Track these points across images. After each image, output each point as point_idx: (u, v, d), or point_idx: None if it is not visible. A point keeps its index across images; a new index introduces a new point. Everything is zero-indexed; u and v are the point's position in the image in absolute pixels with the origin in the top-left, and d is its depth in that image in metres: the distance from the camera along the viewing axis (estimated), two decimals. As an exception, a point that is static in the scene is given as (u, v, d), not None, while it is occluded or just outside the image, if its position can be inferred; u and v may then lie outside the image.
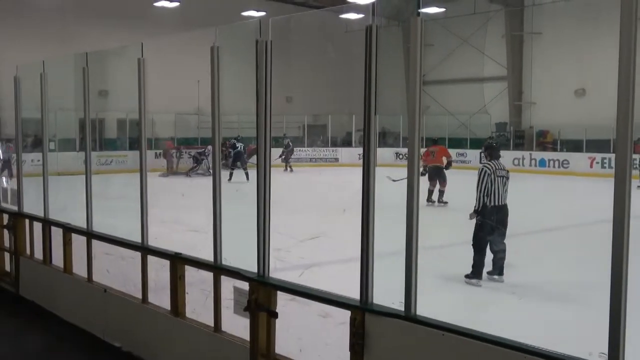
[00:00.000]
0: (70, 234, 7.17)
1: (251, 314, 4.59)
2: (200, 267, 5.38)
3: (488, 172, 8.38)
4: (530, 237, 12.06)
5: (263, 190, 4.60)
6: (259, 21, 4.62)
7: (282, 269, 7.81)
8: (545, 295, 8.08)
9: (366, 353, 3.86)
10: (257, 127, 4.61)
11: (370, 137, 3.90)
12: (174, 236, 9.37)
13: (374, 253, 3.92)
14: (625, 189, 2.79)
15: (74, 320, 7.01)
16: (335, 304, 4.20)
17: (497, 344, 3.25)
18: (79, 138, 24.69)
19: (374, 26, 3.79)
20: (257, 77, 4.55)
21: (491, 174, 8.37)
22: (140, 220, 5.96)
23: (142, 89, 5.90)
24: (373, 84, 3.81)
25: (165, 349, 5.73)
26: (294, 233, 11.17)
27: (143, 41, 5.96)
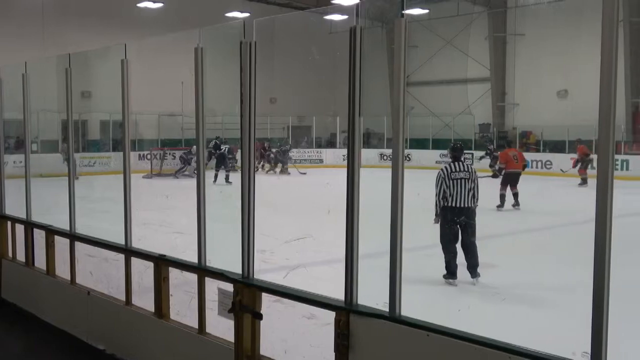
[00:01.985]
0: (53, 235, 7.12)
1: (236, 316, 4.58)
2: (185, 268, 5.36)
3: (442, 175, 8.42)
4: (514, 238, 12.14)
5: (247, 192, 4.59)
6: (243, 22, 4.61)
7: (266, 271, 7.78)
8: (528, 295, 8.12)
9: (351, 354, 3.86)
10: (241, 128, 4.60)
11: (355, 138, 3.90)
12: (158, 238, 9.35)
13: (358, 254, 3.92)
14: (608, 189, 2.81)
15: (57, 323, 6.96)
16: (320, 305, 4.20)
17: (482, 344, 3.27)
18: (62, 139, 24.51)
19: (358, 27, 3.79)
20: (241, 78, 4.54)
21: (445, 178, 8.38)
22: (124, 222, 5.94)
23: (126, 90, 5.88)
24: (357, 85, 3.81)
25: (149, 351, 5.71)
26: (279, 234, 11.15)
27: (126, 42, 5.93)
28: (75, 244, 6.77)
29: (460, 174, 8.41)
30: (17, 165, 8.53)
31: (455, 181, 8.36)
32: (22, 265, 7.75)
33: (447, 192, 8.34)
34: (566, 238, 12.21)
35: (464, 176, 8.40)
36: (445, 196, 8.36)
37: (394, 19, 3.66)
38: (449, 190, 8.34)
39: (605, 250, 2.83)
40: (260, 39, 4.50)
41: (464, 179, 8.39)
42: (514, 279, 8.87)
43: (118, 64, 5.87)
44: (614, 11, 2.76)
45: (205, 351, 5.03)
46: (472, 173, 8.48)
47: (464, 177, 8.40)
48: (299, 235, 11.59)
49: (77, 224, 6.88)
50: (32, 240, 7.55)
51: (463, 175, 8.41)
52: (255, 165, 4.95)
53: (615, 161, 2.86)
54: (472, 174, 8.45)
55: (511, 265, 9.63)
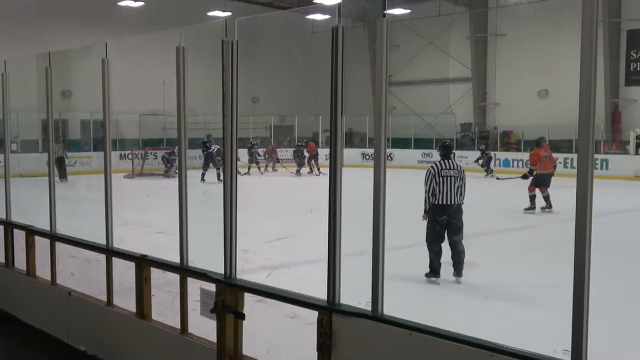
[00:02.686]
0: (34, 236, 7.06)
1: (218, 316, 4.57)
2: (167, 268, 5.34)
3: (432, 172, 8.47)
4: (495, 237, 12.21)
5: (230, 192, 4.58)
6: (225, 21, 4.60)
7: (249, 271, 7.78)
8: (509, 294, 8.18)
9: (333, 353, 3.87)
10: (223, 128, 4.59)
11: (337, 138, 3.91)
12: (140, 238, 9.30)
13: (341, 253, 3.93)
14: (587, 188, 2.84)
15: (38, 324, 6.91)
16: (303, 305, 4.20)
17: (464, 342, 3.29)
18: (42, 139, 24.31)
19: (339, 27, 3.80)
20: (223, 78, 4.53)
21: (435, 175, 8.44)
22: (105, 222, 5.90)
23: (107, 89, 5.85)
24: (339, 85, 3.82)
25: (131, 352, 5.68)
26: (261, 234, 11.15)
27: (107, 41, 5.90)
28: (55, 244, 6.72)
29: (450, 172, 8.47)
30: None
31: (445, 178, 8.42)
32: (1, 266, 7.67)
33: (437, 189, 8.39)
34: (550, 236, 12.32)
35: (454, 174, 8.47)
36: (434, 193, 8.41)
37: (375, 19, 3.67)
38: (438, 187, 8.39)
39: (585, 248, 2.86)
40: (242, 39, 4.49)
41: (453, 176, 8.45)
42: (497, 277, 8.92)
43: (99, 63, 5.82)
44: (593, 12, 2.79)
45: (187, 351, 5.02)
46: (461, 171, 8.56)
47: (454, 175, 8.46)
48: (282, 235, 11.60)
49: (58, 224, 6.83)
50: (12, 240, 7.49)
51: (453, 173, 8.47)
52: None
53: (594, 160, 2.89)
54: (460, 172, 8.53)
55: (494, 263, 9.69)
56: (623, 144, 28.50)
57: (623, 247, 10.76)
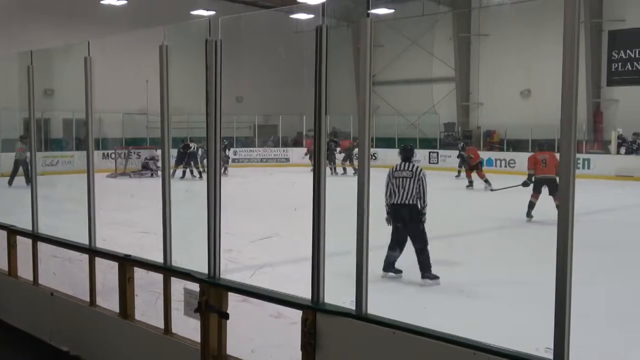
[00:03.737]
0: (15, 236, 7.00)
1: (202, 316, 4.56)
2: (150, 268, 5.32)
3: (388, 174, 8.70)
4: (476, 236, 12.28)
5: (213, 191, 4.57)
6: (209, 20, 4.59)
7: (233, 270, 7.77)
8: (492, 293, 8.22)
9: (318, 352, 3.87)
10: (207, 127, 4.58)
11: (321, 137, 3.91)
12: (124, 238, 9.26)
13: (325, 253, 3.93)
14: (569, 187, 2.86)
15: (20, 325, 6.85)
16: (287, 304, 4.20)
17: (448, 341, 3.30)
18: (20, 138, 24.10)
19: (323, 27, 3.80)
20: (207, 77, 4.52)
21: (389, 176, 8.66)
22: (88, 222, 5.87)
23: (89, 88, 5.81)
24: (323, 84, 3.82)
25: (114, 352, 5.65)
26: (245, 234, 11.13)
27: (90, 39, 5.86)
28: (38, 244, 6.67)
29: (403, 173, 8.64)
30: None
31: (398, 179, 8.61)
32: (-17, 266, 7.61)
33: (390, 190, 8.63)
34: (530, 236, 12.40)
35: (407, 175, 8.60)
36: (390, 194, 8.62)
37: (359, 19, 3.68)
38: (391, 187, 8.62)
39: (567, 247, 2.88)
40: (226, 38, 4.48)
41: (406, 177, 8.59)
42: (480, 276, 8.97)
43: (81, 62, 5.79)
44: (575, 12, 2.81)
45: (171, 351, 5.00)
46: (416, 173, 8.62)
47: (407, 176, 8.60)
48: (266, 235, 11.58)
49: (40, 224, 6.78)
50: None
51: (406, 174, 8.62)
52: None
53: (576, 160, 2.91)
54: (415, 174, 8.60)
55: (477, 262, 9.74)
56: (605, 143, 28.74)
57: (604, 246, 10.85)
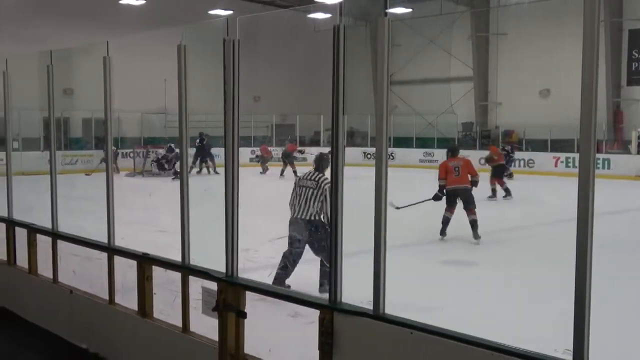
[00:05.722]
0: (35, 234, 7.07)
1: (220, 314, 4.58)
2: (168, 267, 5.35)
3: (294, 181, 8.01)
4: (495, 235, 12.21)
5: (231, 190, 4.58)
6: (226, 20, 4.61)
7: (250, 269, 7.78)
8: (510, 292, 8.17)
9: (335, 352, 3.87)
10: (224, 127, 4.59)
11: (339, 137, 3.90)
12: (142, 236, 9.29)
13: (342, 252, 3.93)
14: (589, 187, 2.84)
15: (40, 322, 6.92)
16: (304, 304, 4.20)
17: (465, 341, 3.29)
18: (43, 137, 24.35)
19: (341, 26, 3.80)
20: (225, 76, 4.53)
21: (295, 184, 7.97)
22: (107, 221, 5.91)
23: (108, 87, 5.84)
24: (341, 84, 3.82)
25: (132, 350, 5.69)
26: (263, 233, 11.14)
27: (109, 39, 5.90)
28: (57, 242, 6.73)
29: (307, 182, 7.80)
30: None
31: (300, 188, 7.82)
32: (3, 263, 7.68)
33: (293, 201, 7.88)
34: (547, 237, 12.31)
35: (310, 185, 7.75)
36: (292, 204, 7.88)
37: (377, 18, 3.67)
38: (294, 198, 7.88)
39: (587, 248, 2.85)
40: (244, 37, 4.49)
41: (310, 187, 7.74)
42: (496, 277, 8.92)
43: (100, 61, 5.83)
44: (595, 11, 2.79)
45: (189, 350, 5.02)
46: (321, 185, 7.70)
47: (310, 187, 7.74)
48: (283, 234, 11.58)
49: (60, 222, 6.84)
50: (13, 238, 7.49)
51: (310, 184, 7.76)
52: None
53: (596, 160, 2.89)
54: (320, 186, 7.70)
55: (498, 261, 9.70)
56: (625, 143, 28.51)
57: (624, 246, 10.75)
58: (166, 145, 25.51)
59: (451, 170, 11.60)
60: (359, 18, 32.71)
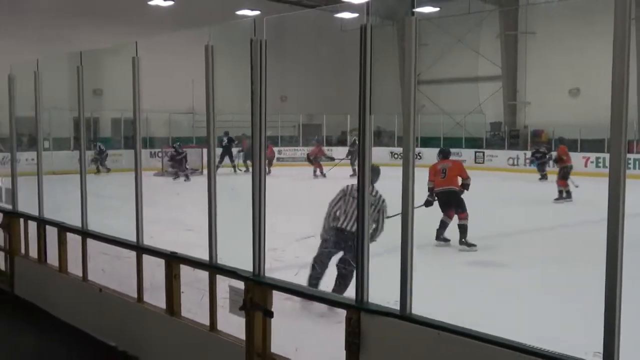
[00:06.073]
0: (65, 233, 7.16)
1: (247, 314, 4.59)
2: (196, 266, 5.38)
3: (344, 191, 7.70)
4: (523, 236, 12.10)
5: (258, 190, 4.60)
6: (254, 20, 4.62)
7: (277, 269, 7.80)
8: (540, 293, 8.09)
9: (362, 352, 3.86)
10: (252, 127, 4.61)
11: (366, 137, 3.90)
12: (169, 235, 9.36)
13: (369, 252, 3.92)
14: (620, 188, 2.80)
15: (69, 320, 7.00)
16: (331, 303, 4.21)
17: (492, 342, 3.26)
18: (73, 137, 24.64)
19: (368, 25, 3.79)
20: (252, 77, 4.55)
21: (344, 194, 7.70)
22: (136, 219, 5.96)
23: (137, 87, 5.89)
24: (368, 83, 3.81)
25: (160, 348, 5.73)
26: (289, 232, 11.15)
27: (137, 40, 5.95)
28: (87, 241, 6.80)
29: None
30: (30, 162, 8.59)
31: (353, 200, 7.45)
32: (34, 262, 7.80)
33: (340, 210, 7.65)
34: (572, 237, 12.17)
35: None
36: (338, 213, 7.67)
37: (404, 17, 3.66)
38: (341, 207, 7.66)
39: (617, 250, 2.81)
40: (271, 37, 4.51)
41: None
42: (524, 277, 8.84)
43: (129, 62, 5.88)
44: (626, 8, 2.75)
45: (216, 349, 5.05)
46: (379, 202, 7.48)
47: None
48: (310, 234, 11.59)
49: (89, 221, 6.92)
50: (44, 237, 7.60)
51: None
52: None
53: (627, 160, 2.85)
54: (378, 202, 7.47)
55: (522, 263, 9.60)
56: (657, 143, 28.05)
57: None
58: (176, 144, 25.48)
59: (438, 172, 11.31)
60: (386, 17, 32.61)
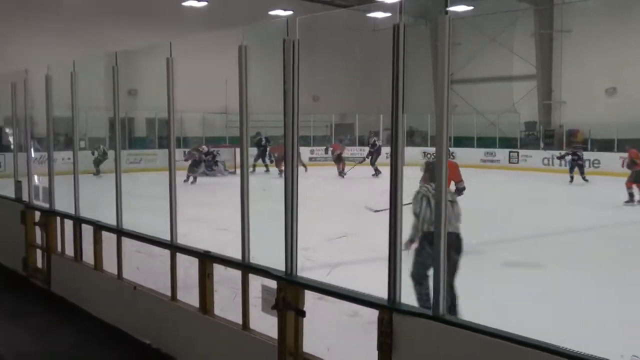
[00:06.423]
0: (101, 231, 7.25)
1: (279, 313, 4.61)
2: (229, 265, 5.41)
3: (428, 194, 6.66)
4: (559, 237, 11.96)
5: (291, 189, 4.61)
6: (286, 20, 4.64)
7: (309, 268, 7.80)
8: (577, 295, 7.98)
9: (394, 353, 3.85)
10: (284, 126, 4.62)
11: (398, 136, 3.89)
12: (202, 234, 9.42)
13: (401, 252, 3.91)
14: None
15: (104, 317, 7.10)
16: (363, 303, 4.19)
17: (526, 344, 3.23)
18: (109, 137, 24.95)
19: (401, 25, 3.78)
20: (285, 76, 4.57)
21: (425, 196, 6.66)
22: (170, 218, 6.01)
23: (171, 88, 5.95)
24: (400, 83, 3.80)
25: (193, 346, 5.78)
26: (321, 232, 11.16)
27: (172, 40, 6.00)
28: (122, 239, 6.88)
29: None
30: (66, 162, 8.71)
31: None
32: (70, 259, 7.91)
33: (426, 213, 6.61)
34: (615, 238, 11.99)
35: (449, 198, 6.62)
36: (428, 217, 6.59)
37: (437, 16, 3.64)
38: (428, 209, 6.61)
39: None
40: (303, 37, 4.52)
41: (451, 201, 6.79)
42: (565, 279, 8.73)
43: (163, 62, 5.93)
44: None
45: (249, 347, 5.07)
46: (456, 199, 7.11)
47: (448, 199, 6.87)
48: (342, 233, 11.59)
49: (124, 219, 6.99)
50: (80, 235, 7.70)
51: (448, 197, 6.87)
52: None
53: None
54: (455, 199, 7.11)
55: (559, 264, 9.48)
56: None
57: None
58: (206, 144, 25.55)
59: None
60: (418, 16, 32.45)
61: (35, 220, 8.81)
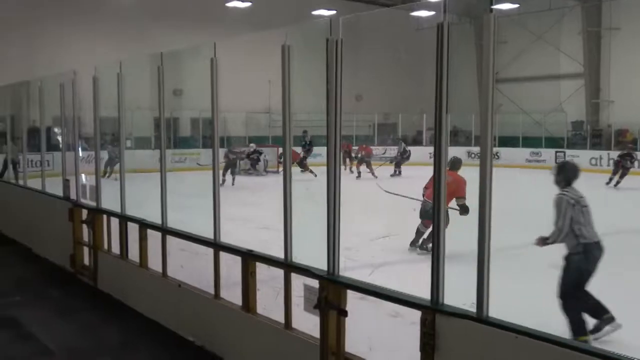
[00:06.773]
0: (146, 229, 7.35)
1: (321, 312, 4.61)
2: (271, 264, 5.43)
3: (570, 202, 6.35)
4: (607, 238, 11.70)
5: (333, 189, 4.61)
6: (329, 20, 4.64)
7: (352, 268, 7.79)
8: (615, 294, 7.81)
9: (437, 354, 3.82)
10: (327, 126, 4.62)
11: (442, 136, 3.85)
12: (245, 233, 9.50)
13: (445, 253, 3.87)
14: None
15: (149, 314, 7.20)
16: (406, 304, 4.17)
17: (570, 347, 3.17)
18: (154, 136, 25.29)
19: (445, 23, 3.75)
20: (328, 76, 4.57)
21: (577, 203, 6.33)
22: (213, 217, 6.06)
23: (215, 88, 6.00)
24: (444, 82, 3.77)
25: (236, 344, 5.82)
26: (364, 232, 11.14)
27: (216, 41, 6.05)
28: (166, 237, 6.97)
29: (583, 200, 6.38)
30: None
31: (584, 208, 6.32)
32: (116, 257, 8.04)
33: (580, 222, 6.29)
34: None
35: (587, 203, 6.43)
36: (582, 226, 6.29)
37: (482, 15, 3.60)
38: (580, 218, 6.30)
39: None
40: (346, 36, 4.51)
41: (587, 206, 6.43)
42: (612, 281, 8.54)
43: (208, 63, 5.99)
44: None
45: (291, 346, 5.09)
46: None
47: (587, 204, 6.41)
48: (385, 234, 11.55)
49: (168, 218, 7.07)
50: (126, 233, 7.82)
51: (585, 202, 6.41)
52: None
53: None
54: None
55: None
56: None
57: None
58: (254, 143, 25.70)
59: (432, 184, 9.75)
60: (463, 14, 32.17)
61: (83, 218, 8.98)
